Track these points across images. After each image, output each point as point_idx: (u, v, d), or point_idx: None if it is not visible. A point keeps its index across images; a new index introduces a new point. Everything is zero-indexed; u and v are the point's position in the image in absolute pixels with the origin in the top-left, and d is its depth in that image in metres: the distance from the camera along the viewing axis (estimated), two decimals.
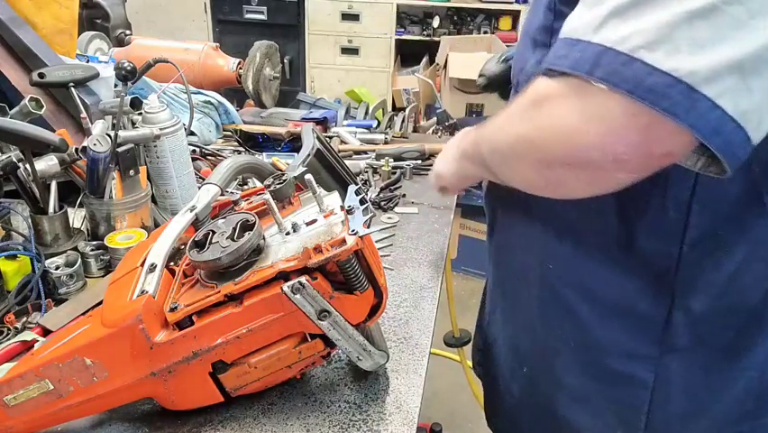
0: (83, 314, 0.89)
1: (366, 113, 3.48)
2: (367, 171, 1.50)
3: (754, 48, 0.49)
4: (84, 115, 1.15)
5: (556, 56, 0.56)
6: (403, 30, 4.00)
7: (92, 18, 2.23)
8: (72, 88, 1.18)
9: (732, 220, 0.66)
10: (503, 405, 0.96)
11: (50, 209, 1.02)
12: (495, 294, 0.96)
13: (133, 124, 1.17)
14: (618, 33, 0.51)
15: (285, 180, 0.78)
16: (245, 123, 1.74)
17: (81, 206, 1.09)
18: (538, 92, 0.59)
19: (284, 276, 0.66)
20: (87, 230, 1.09)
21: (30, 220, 1.02)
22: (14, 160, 0.97)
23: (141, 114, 1.15)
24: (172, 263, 0.76)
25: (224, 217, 0.73)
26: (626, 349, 0.74)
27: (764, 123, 0.51)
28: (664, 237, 0.68)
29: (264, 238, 0.71)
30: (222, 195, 0.82)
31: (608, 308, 0.74)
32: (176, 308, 0.67)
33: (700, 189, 0.64)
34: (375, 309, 0.72)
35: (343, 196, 0.75)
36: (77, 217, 1.10)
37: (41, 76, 1.17)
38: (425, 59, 3.95)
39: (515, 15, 3.86)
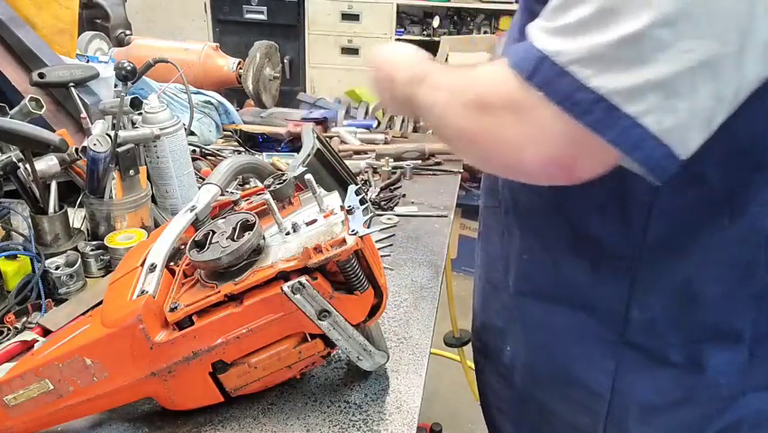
0: (83, 314, 0.89)
1: (366, 113, 3.48)
2: (367, 171, 1.50)
3: (679, 69, 0.51)
4: (84, 115, 1.14)
5: (512, 49, 0.61)
6: (403, 30, 4.00)
7: (92, 18, 2.23)
8: (72, 88, 1.18)
9: (689, 228, 0.69)
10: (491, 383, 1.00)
11: (50, 209, 1.02)
12: (477, 277, 1.00)
13: (133, 124, 1.17)
14: (558, 46, 0.56)
15: (285, 180, 0.78)
16: (245, 123, 1.74)
17: (81, 206, 1.09)
18: (489, 90, 0.63)
19: (284, 276, 0.66)
20: (87, 230, 1.09)
21: (30, 220, 1.02)
22: (14, 160, 0.97)
23: (141, 114, 1.15)
24: (172, 263, 0.76)
25: (224, 217, 0.73)
26: (590, 335, 0.78)
27: (691, 140, 0.55)
28: (626, 238, 0.72)
29: (264, 238, 0.71)
30: (222, 195, 0.82)
31: (577, 296, 0.78)
32: (176, 308, 0.67)
33: (660, 196, 0.68)
34: (375, 309, 0.72)
35: (343, 196, 0.75)
36: (77, 217, 1.10)
37: (41, 76, 1.17)
38: None
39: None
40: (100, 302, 0.75)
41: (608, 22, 0.53)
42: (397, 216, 1.30)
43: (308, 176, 0.75)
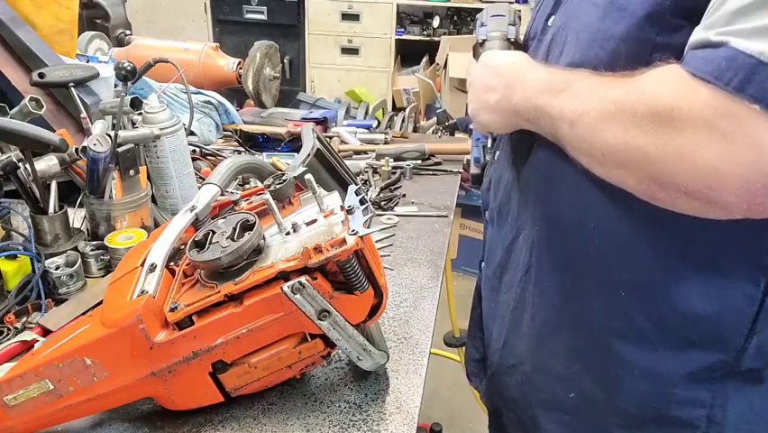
0: (83, 314, 0.89)
1: (366, 113, 3.48)
2: (367, 171, 1.50)
3: None
4: (84, 115, 1.15)
5: (696, 58, 0.53)
6: (403, 30, 4.00)
7: (92, 18, 2.23)
8: (72, 88, 1.18)
9: None
10: (523, 422, 0.92)
11: (50, 209, 1.02)
12: (521, 316, 0.87)
13: (133, 124, 1.17)
14: None
15: (285, 180, 0.78)
16: (245, 123, 1.75)
17: (81, 206, 1.09)
18: (671, 104, 0.53)
19: (284, 276, 0.66)
20: (87, 230, 1.09)
21: (30, 220, 1.02)
22: (14, 160, 0.97)
23: (141, 114, 1.15)
24: (172, 263, 0.76)
25: (224, 217, 0.73)
26: (691, 373, 0.72)
27: None
28: (756, 265, 0.65)
29: (264, 238, 0.71)
30: (222, 195, 0.82)
31: (686, 330, 0.70)
32: (176, 308, 0.67)
33: None
34: (375, 309, 0.72)
35: (343, 196, 0.75)
36: (77, 217, 1.10)
37: (41, 76, 1.17)
38: (424, 59, 3.95)
39: None
40: (100, 302, 0.74)
41: None
42: (397, 216, 1.30)
43: (308, 176, 0.75)
